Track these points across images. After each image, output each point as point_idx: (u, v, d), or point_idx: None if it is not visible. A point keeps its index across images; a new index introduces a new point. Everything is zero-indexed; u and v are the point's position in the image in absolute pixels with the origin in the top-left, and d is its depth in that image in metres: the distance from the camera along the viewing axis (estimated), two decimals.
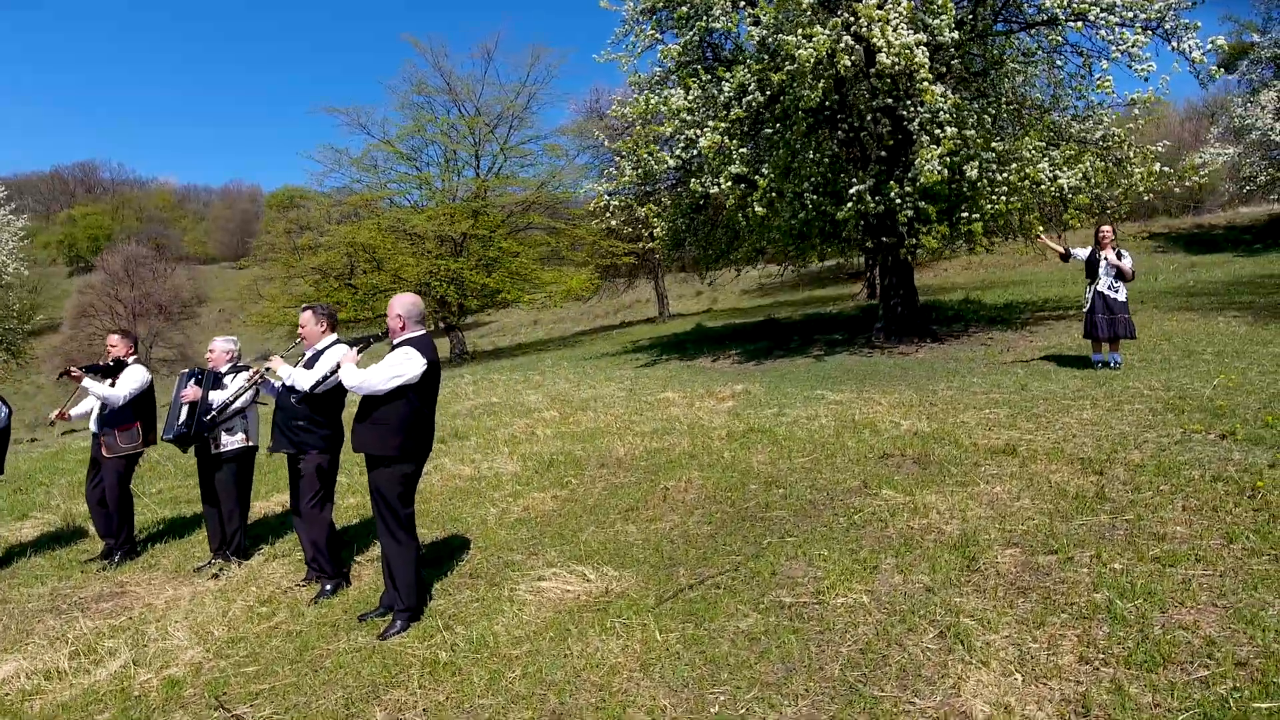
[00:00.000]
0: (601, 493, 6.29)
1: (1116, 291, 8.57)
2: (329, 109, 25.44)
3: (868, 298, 25.56)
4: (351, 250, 24.69)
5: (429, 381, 4.63)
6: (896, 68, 9.61)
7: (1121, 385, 7.83)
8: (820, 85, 10.19)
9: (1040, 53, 12.20)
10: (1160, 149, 12.98)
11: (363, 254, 24.41)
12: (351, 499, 7.18)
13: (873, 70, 10.00)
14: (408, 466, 4.57)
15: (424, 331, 4.68)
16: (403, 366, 4.38)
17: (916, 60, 9.40)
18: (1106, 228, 8.70)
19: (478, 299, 25.68)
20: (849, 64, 9.80)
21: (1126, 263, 8.55)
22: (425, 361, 4.55)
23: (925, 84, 9.53)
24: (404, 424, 4.39)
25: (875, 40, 9.32)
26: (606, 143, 15.49)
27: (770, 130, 11.34)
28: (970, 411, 7.46)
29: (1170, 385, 7.59)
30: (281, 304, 25.82)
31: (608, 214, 14.52)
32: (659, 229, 14.19)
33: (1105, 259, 8.65)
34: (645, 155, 11.73)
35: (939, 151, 9.92)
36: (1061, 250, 9.50)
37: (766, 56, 11.28)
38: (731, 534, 5.04)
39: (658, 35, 13.15)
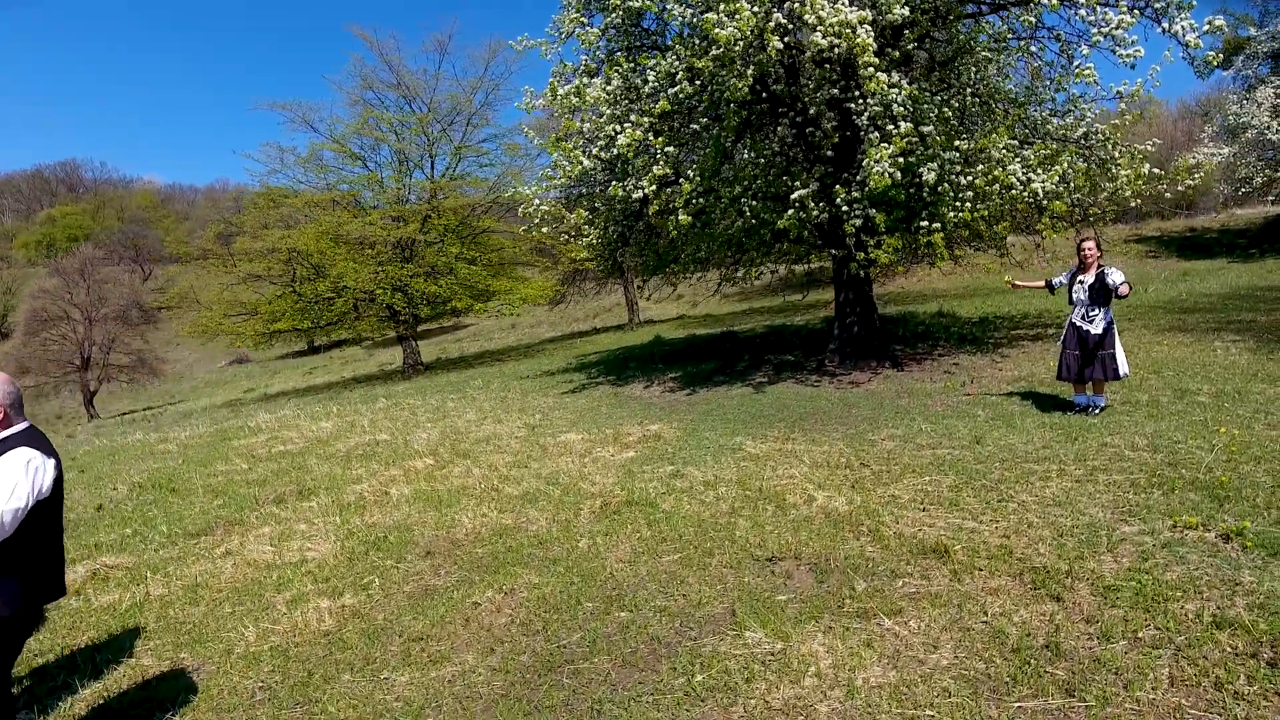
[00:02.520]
0: (402, 603, 4.73)
1: (1091, 323, 6.99)
2: (272, 104, 23.81)
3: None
4: (291, 256, 23.06)
5: (58, 494, 3.12)
6: (835, 50, 8.05)
7: (1098, 442, 6.29)
8: (750, 73, 8.63)
9: (1013, 38, 10.63)
10: (1150, 148, 11.46)
11: (301, 261, 22.78)
12: None
13: (808, 54, 8.44)
14: (24, 623, 3.07)
15: (28, 424, 3.12)
16: (25, 483, 2.87)
17: (859, 41, 7.84)
18: (1089, 243, 7.06)
19: (427, 308, 24.04)
20: (780, 46, 8.23)
21: (1117, 278, 6.83)
22: (55, 465, 3.05)
23: (870, 70, 7.97)
24: (22, 564, 2.93)
25: (807, 16, 7.76)
26: (536, 141, 13.88)
27: (697, 126, 9.77)
28: (907, 479, 5.91)
29: (1158, 443, 6.05)
30: (219, 313, 24.19)
31: (536, 220, 12.95)
32: (591, 236, 12.59)
33: (1081, 282, 7.07)
34: (556, 154, 10.17)
35: (890, 151, 8.37)
36: (1040, 283, 7.96)
37: (696, 40, 9.71)
38: (523, 701, 3.49)
39: (583, 19, 11.56)
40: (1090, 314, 6.95)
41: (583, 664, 3.74)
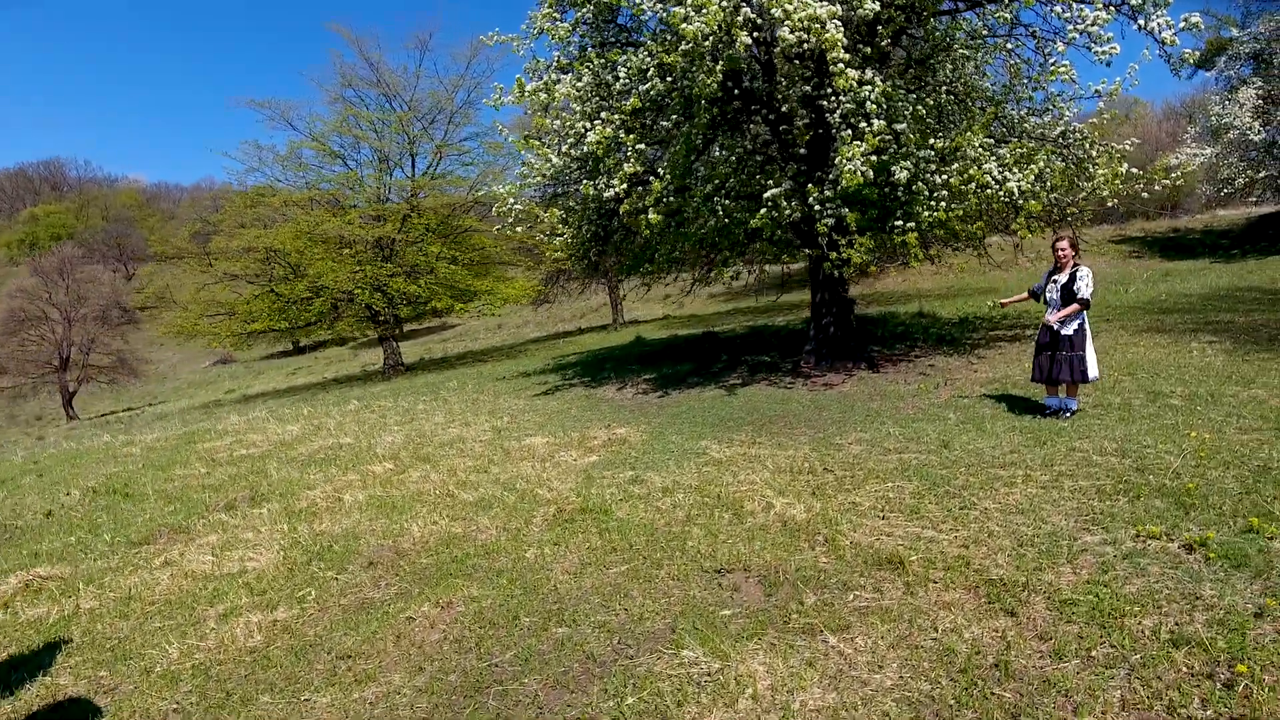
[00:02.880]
0: (336, 617, 4.52)
1: (1063, 324, 6.84)
2: (250, 102, 23.46)
3: None
4: (269, 255, 22.74)
5: None
6: (804, 45, 7.88)
7: (1066, 446, 6.13)
8: (719, 69, 8.45)
9: (988, 35, 10.49)
10: (1128, 147, 11.35)
11: (279, 260, 22.47)
12: None
13: (777, 49, 8.27)
14: None
15: None
16: None
17: (827, 37, 7.67)
18: (1064, 243, 6.89)
19: (408, 308, 23.76)
20: (748, 41, 8.05)
21: (1082, 285, 6.73)
22: None
23: (840, 67, 7.80)
24: None
25: (774, 10, 7.59)
26: (510, 139, 13.63)
27: (667, 123, 9.59)
28: (870, 485, 5.73)
29: (1127, 448, 5.89)
30: (196, 313, 23.84)
31: (510, 220, 12.75)
32: (565, 235, 12.37)
33: (1055, 282, 6.93)
34: (524, 152, 9.96)
35: (862, 149, 8.20)
36: (1024, 295, 7.73)
37: (668, 36, 9.52)
38: None
39: (555, 14, 11.34)
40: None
41: (512, 685, 3.54)
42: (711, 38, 8.37)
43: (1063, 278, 6.82)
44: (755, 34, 8.30)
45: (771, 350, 13.59)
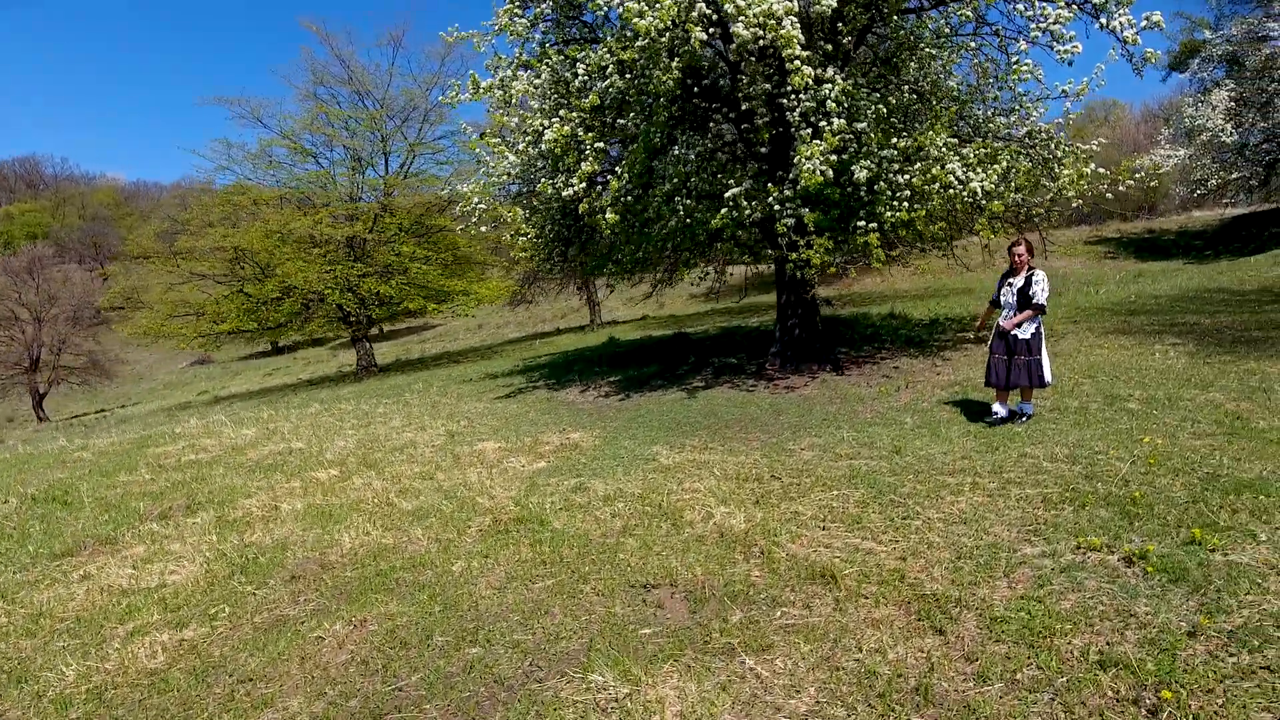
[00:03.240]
0: (246, 636, 4.30)
1: (1019, 327, 6.71)
2: (219, 99, 23.05)
3: None
4: (238, 255, 22.36)
5: None
6: (761, 42, 7.72)
7: (1018, 452, 6.00)
8: (675, 66, 8.27)
9: (953, 35, 10.36)
10: (1095, 147, 11.26)
11: (248, 259, 22.10)
12: None
13: (733, 46, 8.11)
14: None
15: None
16: None
17: (783, 34, 7.50)
18: (1021, 247, 6.75)
19: (380, 308, 23.44)
20: (703, 38, 7.88)
21: (1038, 289, 6.62)
22: None
23: (796, 64, 7.64)
24: None
25: (727, 6, 7.42)
26: (473, 136, 13.40)
27: (624, 121, 9.40)
28: (815, 493, 5.58)
29: (1078, 454, 5.76)
30: (164, 313, 23.41)
31: (474, 220, 12.53)
32: (530, 235, 12.16)
33: (1010, 285, 6.79)
34: (479, 149, 9.75)
35: (821, 149, 8.05)
36: (989, 310, 7.44)
37: (628, 32, 9.33)
38: None
39: (517, 9, 11.13)
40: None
41: (412, 712, 3.34)
42: (668, 34, 8.21)
43: (1018, 281, 6.69)
44: (711, 30, 8.11)
45: (740, 352, 13.43)
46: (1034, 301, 6.54)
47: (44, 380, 40.07)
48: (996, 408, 6.94)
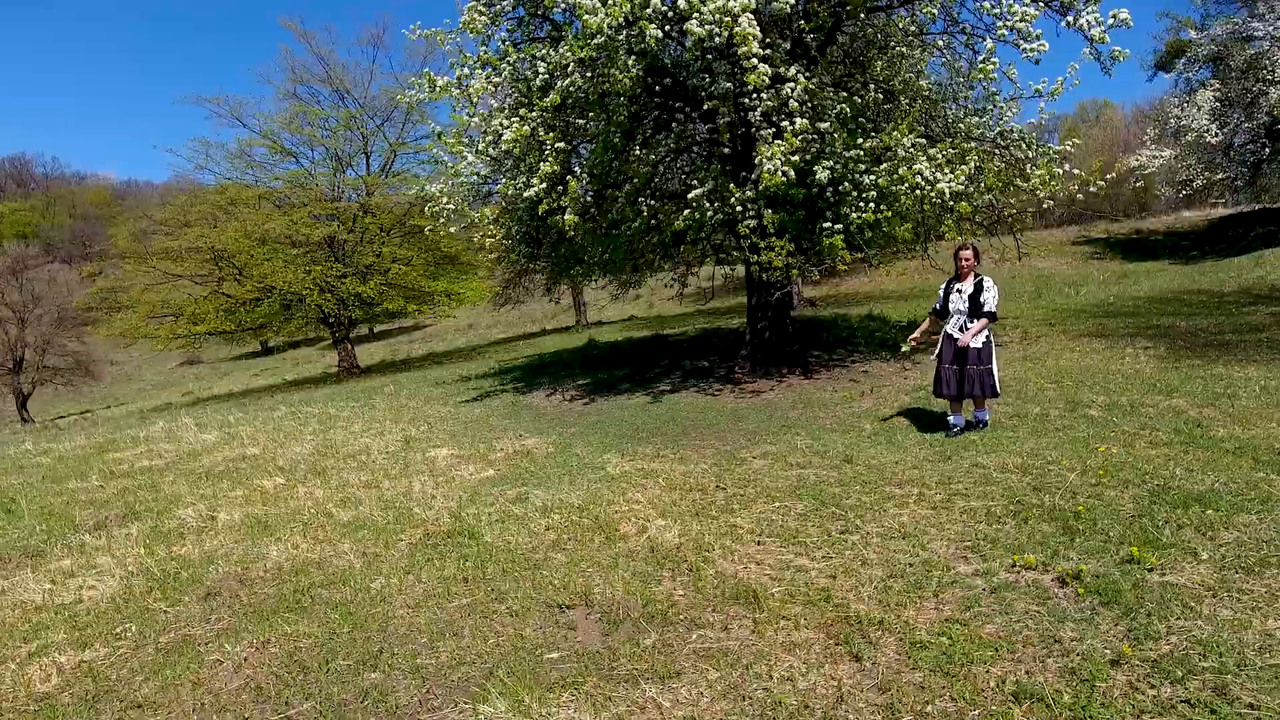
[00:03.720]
0: (147, 658, 4.11)
1: (970, 334, 6.50)
2: (199, 99, 22.77)
3: None
4: (215, 255, 22.12)
5: None
6: (716, 39, 7.54)
7: (970, 462, 5.84)
8: (632, 63, 8.09)
9: (922, 34, 10.20)
10: (1070, 148, 11.11)
11: (226, 260, 21.86)
12: None
13: (689, 43, 7.93)
14: None
15: None
16: None
17: (738, 31, 7.33)
18: (968, 251, 6.56)
19: (360, 309, 23.21)
20: (658, 35, 7.70)
21: (989, 297, 6.45)
22: None
23: (753, 61, 7.47)
24: None
25: (681, 2, 7.24)
26: (436, 137, 13.17)
27: (583, 121, 9.22)
28: (758, 505, 5.40)
29: (1030, 464, 5.60)
30: (142, 314, 23.14)
31: (443, 220, 12.33)
32: (497, 236, 11.97)
33: (959, 291, 6.60)
34: (435, 149, 9.56)
35: (782, 148, 7.88)
36: (928, 321, 7.16)
37: (588, 30, 9.15)
38: None
39: (481, 6, 10.91)
40: (968, 325, 6.46)
41: None
42: (625, 31, 8.03)
43: (967, 287, 6.48)
44: (668, 27, 7.93)
45: (713, 354, 13.26)
46: (985, 310, 6.36)
47: (28, 381, 39.74)
48: (954, 419, 6.75)
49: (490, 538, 5.21)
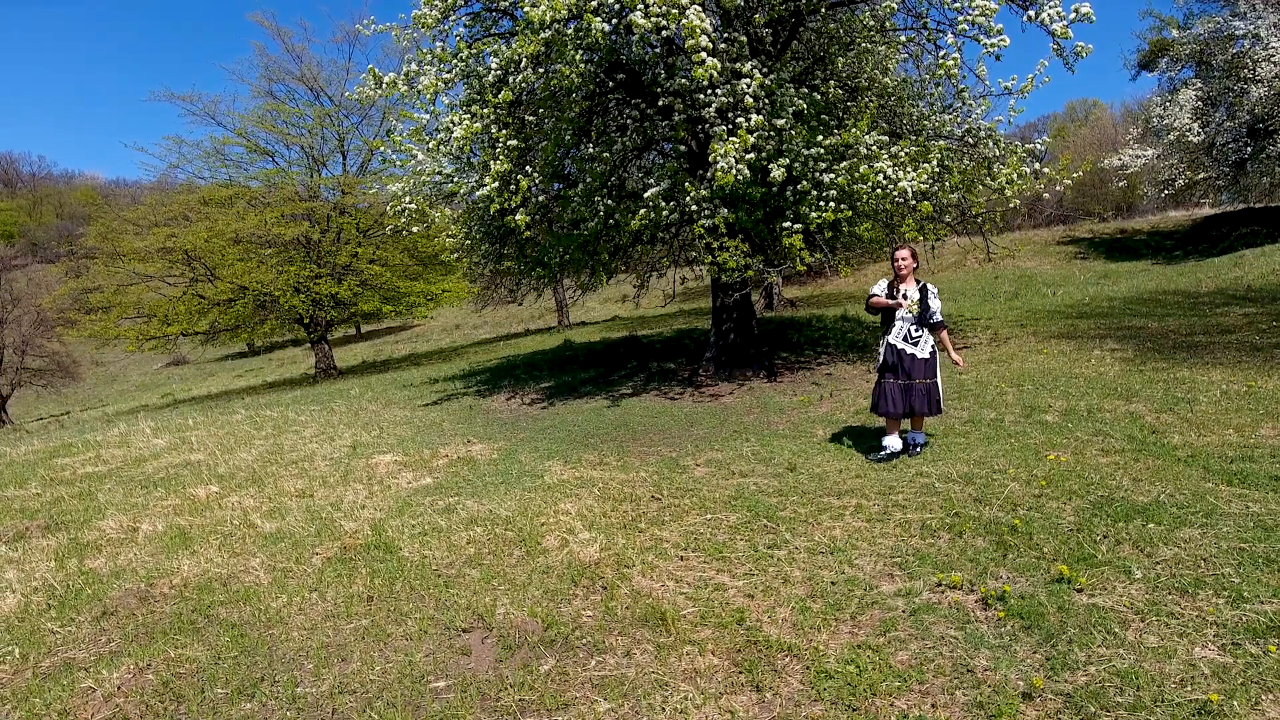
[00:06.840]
0: (23, 684, 3.85)
1: (917, 345, 6.01)
2: (171, 96, 22.40)
3: (764, 309, 23.50)
4: (187, 255, 21.78)
5: None
6: (664, 32, 7.31)
7: (914, 470, 5.63)
8: (580, 58, 7.85)
9: (878, 27, 9.98)
10: (1040, 147, 10.91)
11: (198, 260, 21.53)
12: None
13: (635, 37, 7.70)
14: None
15: None
16: None
17: (687, 24, 7.09)
18: (905, 253, 6.03)
19: (335, 310, 22.90)
20: (605, 29, 7.47)
21: (936, 305, 6.12)
22: None
23: (701, 55, 7.23)
24: None
25: None
26: (397, 134, 12.90)
27: (533, 118, 8.97)
28: (691, 516, 5.18)
29: (975, 474, 5.39)
30: (115, 315, 22.76)
31: (404, 220, 12.10)
32: (458, 234, 11.73)
33: (905, 296, 6.16)
34: (384, 147, 9.31)
35: (735, 146, 7.65)
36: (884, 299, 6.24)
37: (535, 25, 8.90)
38: None
39: (433, 0, 10.64)
40: (914, 335, 6.03)
41: None
42: (574, 25, 7.80)
43: (913, 293, 6.07)
44: (615, 20, 7.70)
45: (681, 356, 13.04)
46: (934, 320, 6.02)
47: (6, 383, 39.25)
48: (890, 441, 6.11)
49: (408, 552, 4.97)
